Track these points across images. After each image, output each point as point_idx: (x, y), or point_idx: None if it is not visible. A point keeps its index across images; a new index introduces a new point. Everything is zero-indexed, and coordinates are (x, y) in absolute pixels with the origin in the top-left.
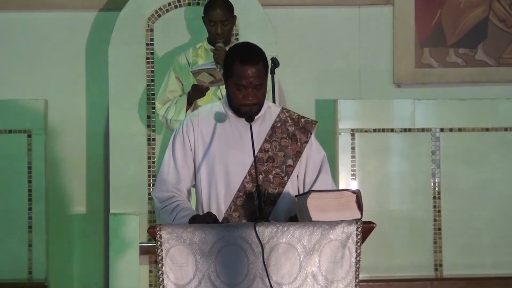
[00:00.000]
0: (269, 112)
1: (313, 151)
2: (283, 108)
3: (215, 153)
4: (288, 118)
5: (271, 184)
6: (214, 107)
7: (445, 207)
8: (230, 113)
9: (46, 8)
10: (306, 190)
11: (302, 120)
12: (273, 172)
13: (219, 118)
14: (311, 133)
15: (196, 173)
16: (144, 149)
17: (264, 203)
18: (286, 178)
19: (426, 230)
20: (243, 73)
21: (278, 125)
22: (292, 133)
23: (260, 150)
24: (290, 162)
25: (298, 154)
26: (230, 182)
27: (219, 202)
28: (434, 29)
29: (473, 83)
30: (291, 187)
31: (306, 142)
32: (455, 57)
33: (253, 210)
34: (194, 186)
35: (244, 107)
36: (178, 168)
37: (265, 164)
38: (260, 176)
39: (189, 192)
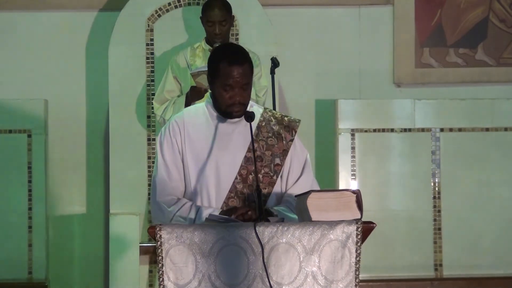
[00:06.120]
0: (253, 112)
1: (297, 150)
2: (265, 108)
3: (204, 155)
4: (272, 117)
5: (261, 184)
6: (198, 109)
7: (445, 207)
8: (215, 115)
9: (46, 8)
10: (288, 189)
11: (286, 118)
12: (262, 171)
13: (205, 119)
14: (295, 132)
15: (186, 175)
16: (144, 149)
17: (254, 202)
18: (275, 177)
19: (426, 230)
20: (230, 73)
21: (263, 124)
22: (277, 132)
23: (248, 150)
24: (277, 161)
25: (284, 153)
26: (220, 184)
27: (211, 204)
28: (434, 29)
29: (473, 83)
30: (279, 187)
31: (292, 140)
32: (455, 57)
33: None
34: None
35: (232, 107)
36: (171, 171)
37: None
38: (250, 176)
39: (183, 194)
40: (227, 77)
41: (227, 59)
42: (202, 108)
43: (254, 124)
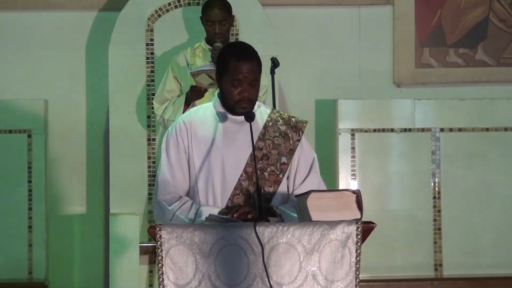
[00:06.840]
0: (260, 112)
1: (304, 151)
2: (273, 109)
3: (210, 153)
4: (279, 118)
5: (266, 182)
6: (205, 108)
7: (445, 207)
8: (222, 113)
9: (46, 8)
10: (295, 189)
11: (293, 119)
12: (268, 169)
13: (212, 119)
14: (302, 132)
15: (192, 174)
16: (144, 149)
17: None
18: (281, 175)
19: (426, 230)
20: (239, 68)
21: (270, 124)
22: (284, 132)
23: (254, 148)
24: (284, 160)
25: (291, 152)
26: (226, 181)
27: (216, 201)
28: (434, 29)
29: (473, 83)
30: (285, 186)
31: (298, 140)
32: (455, 57)
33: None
34: (190, 187)
35: (240, 104)
36: (175, 170)
37: (260, 162)
38: (255, 174)
39: (187, 193)
40: (236, 72)
41: (236, 55)
42: (210, 108)
43: (261, 124)
